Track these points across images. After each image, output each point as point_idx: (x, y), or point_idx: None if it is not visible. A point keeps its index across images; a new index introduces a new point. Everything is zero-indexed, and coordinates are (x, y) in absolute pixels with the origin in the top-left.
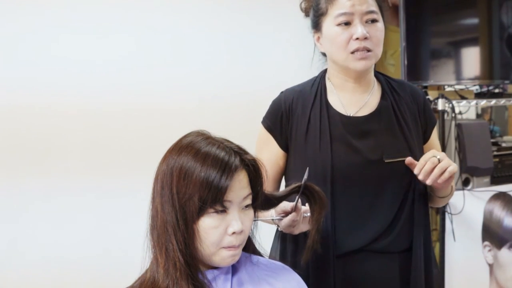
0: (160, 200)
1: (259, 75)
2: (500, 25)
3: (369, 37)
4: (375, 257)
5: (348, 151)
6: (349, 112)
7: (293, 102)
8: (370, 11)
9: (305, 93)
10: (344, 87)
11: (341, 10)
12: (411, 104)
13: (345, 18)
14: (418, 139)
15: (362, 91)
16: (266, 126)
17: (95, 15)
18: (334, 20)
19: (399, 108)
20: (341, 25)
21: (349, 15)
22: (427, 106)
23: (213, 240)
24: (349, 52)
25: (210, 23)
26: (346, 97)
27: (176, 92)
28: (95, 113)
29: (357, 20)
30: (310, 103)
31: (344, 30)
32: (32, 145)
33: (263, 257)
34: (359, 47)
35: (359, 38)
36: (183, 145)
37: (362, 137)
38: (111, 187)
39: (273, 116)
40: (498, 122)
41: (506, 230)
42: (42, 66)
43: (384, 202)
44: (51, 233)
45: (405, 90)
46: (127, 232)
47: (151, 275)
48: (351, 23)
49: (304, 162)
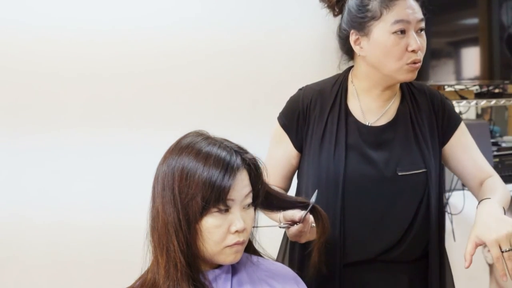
0: (161, 201)
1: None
2: (500, 25)
3: (421, 48)
4: (384, 267)
5: (362, 162)
6: (367, 120)
7: (311, 103)
8: (422, 19)
9: (325, 94)
10: (370, 93)
11: (399, 17)
12: (429, 110)
13: (402, 26)
14: (434, 146)
15: (386, 99)
16: (282, 124)
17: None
18: (390, 27)
19: (416, 116)
20: (397, 33)
21: (405, 23)
22: (447, 107)
23: (216, 239)
24: (405, 63)
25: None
26: (368, 104)
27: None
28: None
29: (412, 29)
30: (329, 106)
31: (400, 39)
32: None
33: (263, 257)
34: (416, 60)
35: (415, 51)
36: (183, 146)
37: (378, 147)
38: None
39: (290, 115)
40: (498, 122)
41: None
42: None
43: (397, 213)
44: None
45: (424, 95)
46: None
47: (152, 276)
48: (405, 32)
49: (317, 168)
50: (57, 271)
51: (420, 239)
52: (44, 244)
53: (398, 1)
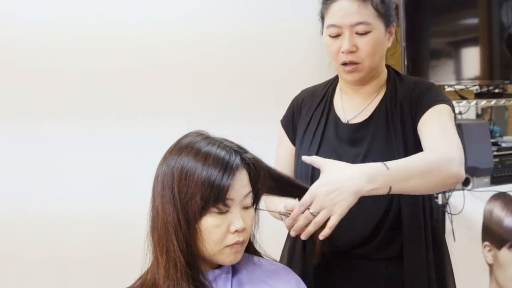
0: (160, 200)
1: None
2: (500, 25)
3: (358, 49)
4: (360, 263)
5: (332, 157)
6: (347, 117)
7: (303, 102)
8: (359, 22)
9: (316, 93)
10: (347, 91)
11: (331, 21)
12: (407, 102)
13: (334, 30)
14: (408, 142)
15: (365, 96)
16: (282, 124)
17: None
18: (325, 30)
19: (393, 113)
20: (331, 36)
21: (337, 28)
22: (426, 92)
23: (215, 239)
24: (339, 63)
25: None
26: (349, 101)
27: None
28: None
29: (347, 32)
30: (316, 104)
31: (334, 41)
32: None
33: (263, 257)
34: (345, 61)
35: (344, 52)
36: (183, 145)
37: (351, 144)
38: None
39: (288, 115)
40: (498, 122)
41: (506, 230)
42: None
43: (366, 208)
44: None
45: (408, 88)
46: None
47: (152, 276)
48: (341, 35)
49: (296, 161)
50: (57, 266)
51: (393, 236)
52: (44, 239)
53: (331, 4)
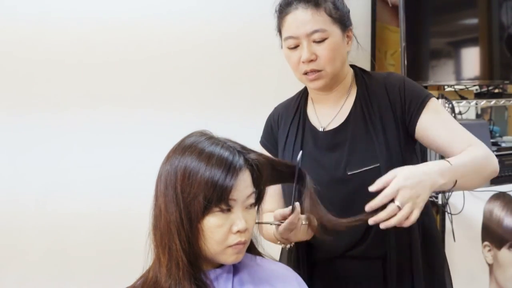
0: (163, 199)
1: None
2: (500, 25)
3: (317, 57)
4: (356, 262)
5: (315, 167)
6: (323, 125)
7: (279, 117)
8: (315, 30)
9: (289, 108)
10: (317, 99)
11: (287, 33)
12: (384, 101)
13: (292, 42)
14: (390, 139)
15: (335, 101)
16: (263, 144)
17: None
18: (284, 42)
19: (369, 112)
20: (290, 48)
21: (295, 39)
22: (407, 93)
23: (218, 239)
24: (301, 73)
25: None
26: (321, 108)
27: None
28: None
29: (305, 42)
30: (291, 118)
31: (293, 52)
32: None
33: (265, 257)
34: (307, 70)
35: (304, 62)
36: (187, 145)
37: (331, 150)
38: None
39: (266, 133)
40: (498, 122)
41: (506, 230)
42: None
43: (356, 212)
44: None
45: (380, 86)
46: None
47: (153, 275)
48: (299, 45)
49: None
50: (57, 265)
51: (382, 236)
52: (45, 237)
53: (286, 17)
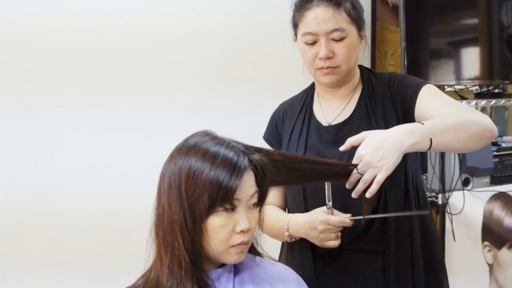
0: (167, 199)
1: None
2: (500, 25)
3: (335, 55)
4: (357, 256)
5: None
6: (328, 120)
7: (284, 113)
8: (335, 29)
9: (295, 104)
10: (324, 95)
11: (307, 29)
12: (386, 96)
13: (310, 38)
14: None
15: (342, 98)
16: (267, 139)
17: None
18: (301, 37)
19: (373, 108)
20: (307, 43)
21: (314, 35)
22: (404, 82)
23: (221, 239)
24: (316, 68)
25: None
26: (327, 104)
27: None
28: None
29: (323, 39)
30: (297, 113)
31: (310, 48)
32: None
33: (265, 258)
34: (323, 66)
35: (321, 59)
36: (191, 145)
37: (336, 145)
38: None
39: (271, 129)
40: (498, 122)
41: (506, 230)
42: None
43: (356, 207)
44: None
45: (383, 82)
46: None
47: (155, 274)
48: (317, 42)
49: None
50: (58, 264)
51: (384, 229)
52: (45, 236)
53: (306, 12)
